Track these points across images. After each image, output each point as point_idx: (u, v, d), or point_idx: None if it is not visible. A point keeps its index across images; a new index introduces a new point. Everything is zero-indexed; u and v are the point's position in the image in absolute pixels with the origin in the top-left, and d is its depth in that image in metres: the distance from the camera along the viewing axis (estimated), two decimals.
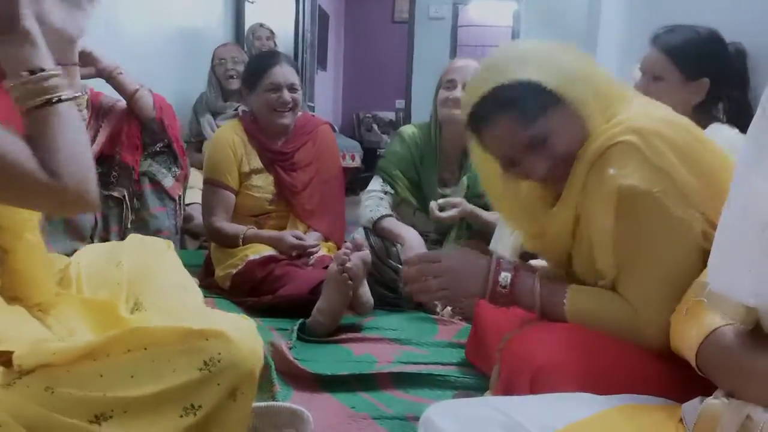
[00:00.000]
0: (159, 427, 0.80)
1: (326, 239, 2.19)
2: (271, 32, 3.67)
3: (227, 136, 2.13)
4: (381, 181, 2.14)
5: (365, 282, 1.73)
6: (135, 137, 1.88)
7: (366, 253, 1.71)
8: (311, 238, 2.12)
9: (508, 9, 5.57)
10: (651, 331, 0.96)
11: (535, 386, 0.94)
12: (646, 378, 0.93)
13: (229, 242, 2.09)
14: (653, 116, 1.01)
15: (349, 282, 1.65)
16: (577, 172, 1.02)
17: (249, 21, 4.08)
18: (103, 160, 1.91)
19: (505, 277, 1.07)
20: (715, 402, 0.74)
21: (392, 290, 2.01)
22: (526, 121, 0.99)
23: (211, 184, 2.12)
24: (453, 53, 5.74)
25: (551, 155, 1.01)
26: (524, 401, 0.88)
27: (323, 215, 2.20)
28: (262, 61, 2.16)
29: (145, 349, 0.81)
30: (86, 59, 1.78)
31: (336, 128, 6.22)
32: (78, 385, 0.78)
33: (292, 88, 2.09)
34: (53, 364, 0.78)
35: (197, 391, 0.82)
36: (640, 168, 0.94)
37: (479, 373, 1.39)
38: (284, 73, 2.09)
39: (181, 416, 0.81)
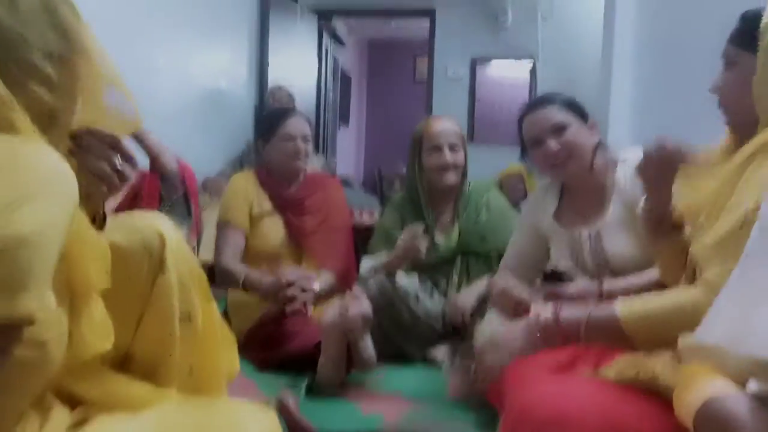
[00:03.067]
0: None
1: (340, 282, 2.20)
2: (290, 95, 3.79)
3: (240, 181, 2.28)
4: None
5: (367, 338, 1.72)
6: (155, 190, 1.95)
7: (366, 308, 1.70)
8: (322, 280, 2.12)
9: (525, 67, 5.69)
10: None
11: None
12: None
13: (231, 281, 2.14)
14: None
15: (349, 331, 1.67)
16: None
17: (272, 82, 4.23)
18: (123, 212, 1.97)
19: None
20: None
21: (407, 338, 1.99)
22: None
23: (223, 225, 2.22)
24: (471, 110, 5.85)
25: None
26: None
27: (334, 258, 2.24)
28: (277, 115, 2.35)
29: None
30: None
31: (355, 183, 6.31)
32: None
33: (305, 139, 2.24)
34: None
35: None
36: None
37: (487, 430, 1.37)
38: (298, 124, 2.24)
39: None
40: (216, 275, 2.21)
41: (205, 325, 1.04)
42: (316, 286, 2.03)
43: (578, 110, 1.55)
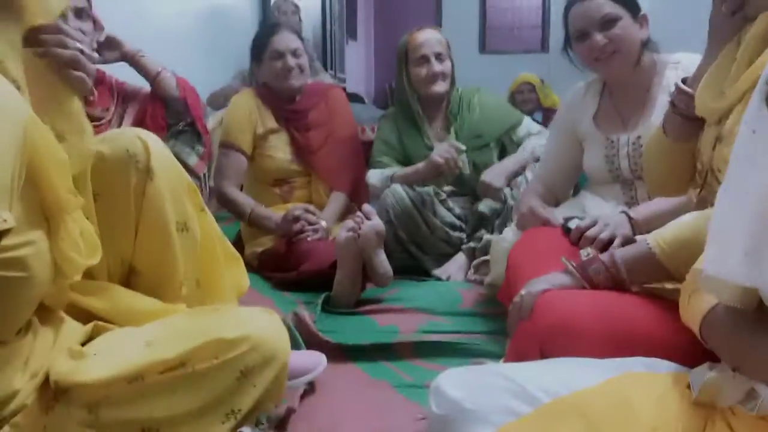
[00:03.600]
0: None
1: (351, 198, 2.23)
2: (296, 7, 3.67)
3: (242, 101, 2.24)
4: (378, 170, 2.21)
5: (382, 252, 1.73)
6: (159, 117, 1.90)
7: (379, 224, 1.70)
8: (332, 209, 2.15)
9: None
10: None
11: (544, 348, 0.94)
12: (656, 341, 0.91)
13: (237, 211, 2.16)
14: None
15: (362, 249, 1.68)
16: None
17: None
18: None
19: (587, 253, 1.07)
20: (719, 374, 0.73)
21: (423, 251, 2.04)
22: None
23: (224, 147, 2.20)
24: (482, 18, 5.62)
25: None
26: (531, 367, 0.88)
27: (343, 175, 2.25)
28: (263, 33, 2.27)
29: (183, 366, 0.84)
30: (110, 43, 1.82)
31: (367, 100, 6.20)
32: (120, 408, 0.82)
33: (294, 54, 2.17)
34: (91, 386, 0.81)
35: (236, 396, 0.88)
36: None
37: (500, 341, 1.40)
38: (284, 40, 2.17)
39: (223, 422, 0.87)
40: (217, 199, 2.22)
41: (202, 235, 1.06)
42: (323, 223, 2.05)
43: (630, 2, 1.46)
